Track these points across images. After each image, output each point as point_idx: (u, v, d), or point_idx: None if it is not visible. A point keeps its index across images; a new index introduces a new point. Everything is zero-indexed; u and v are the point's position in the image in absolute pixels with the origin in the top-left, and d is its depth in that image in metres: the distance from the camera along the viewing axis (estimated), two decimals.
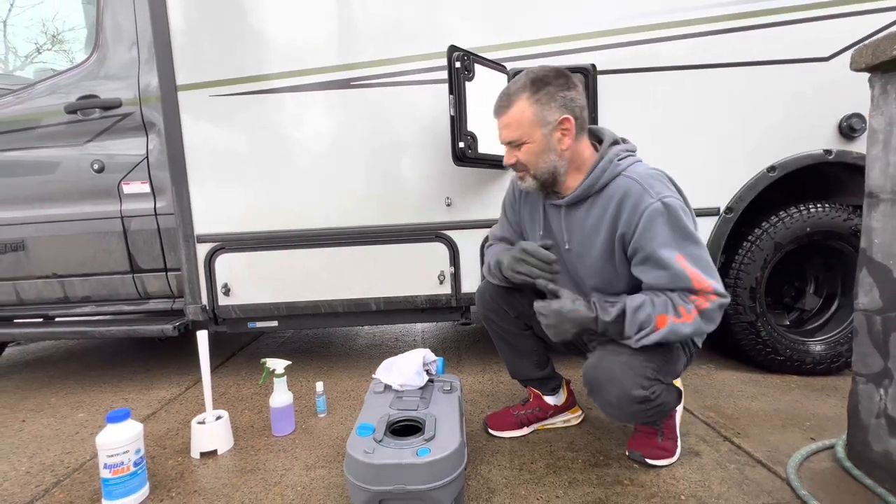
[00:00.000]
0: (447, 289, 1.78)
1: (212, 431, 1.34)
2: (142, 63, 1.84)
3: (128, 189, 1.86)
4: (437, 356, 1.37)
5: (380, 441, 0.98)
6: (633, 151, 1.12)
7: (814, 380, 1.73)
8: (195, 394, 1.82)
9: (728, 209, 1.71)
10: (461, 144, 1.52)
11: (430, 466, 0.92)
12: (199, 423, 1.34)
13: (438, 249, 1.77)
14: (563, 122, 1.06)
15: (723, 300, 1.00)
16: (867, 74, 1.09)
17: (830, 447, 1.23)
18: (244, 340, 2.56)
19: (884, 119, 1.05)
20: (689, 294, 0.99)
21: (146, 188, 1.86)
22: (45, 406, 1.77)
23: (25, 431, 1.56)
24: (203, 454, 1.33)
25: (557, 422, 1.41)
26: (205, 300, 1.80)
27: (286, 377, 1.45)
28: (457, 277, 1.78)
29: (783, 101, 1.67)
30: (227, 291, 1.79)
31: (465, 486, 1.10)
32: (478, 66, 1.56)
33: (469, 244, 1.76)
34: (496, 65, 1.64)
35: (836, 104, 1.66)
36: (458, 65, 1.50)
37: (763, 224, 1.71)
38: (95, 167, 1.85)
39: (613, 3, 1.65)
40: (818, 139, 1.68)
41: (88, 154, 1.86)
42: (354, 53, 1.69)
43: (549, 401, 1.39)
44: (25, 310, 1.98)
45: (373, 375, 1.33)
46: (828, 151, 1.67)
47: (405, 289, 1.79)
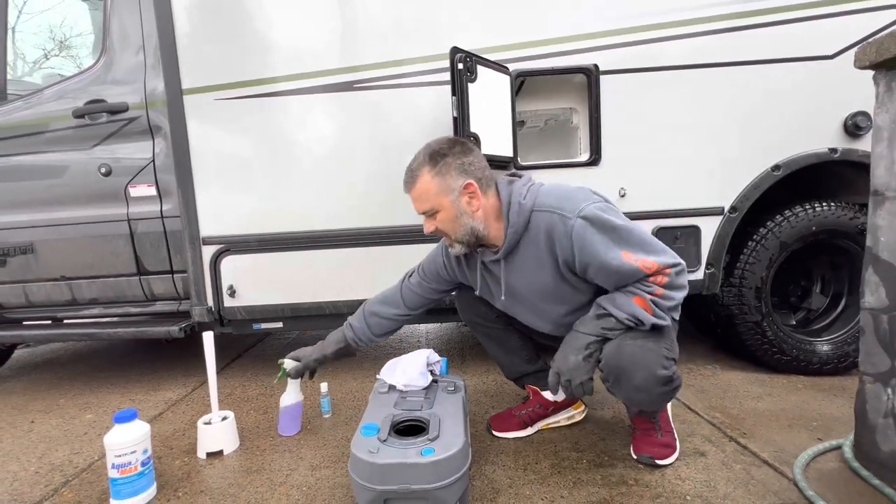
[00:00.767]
0: None
1: (218, 432, 1.35)
2: (148, 68, 1.86)
3: (134, 192, 1.88)
4: (441, 357, 1.37)
5: (384, 441, 0.99)
6: (529, 180, 1.17)
7: (821, 380, 1.72)
8: (201, 395, 1.84)
9: (732, 209, 1.70)
10: None
11: (435, 466, 0.92)
12: (206, 424, 1.35)
13: None
14: (468, 187, 1.11)
15: (676, 268, 1.04)
16: (872, 72, 1.08)
17: (838, 447, 1.22)
18: (249, 342, 2.58)
19: (889, 116, 1.04)
20: (646, 279, 1.03)
21: (152, 191, 1.88)
22: (54, 407, 1.79)
23: (35, 432, 1.58)
24: (209, 454, 1.34)
25: (561, 419, 1.41)
26: (210, 302, 1.81)
27: (301, 379, 1.45)
28: None
29: (788, 100, 1.66)
30: (233, 293, 1.80)
31: (470, 486, 1.10)
32: (480, 68, 1.57)
33: None
34: (499, 66, 1.64)
35: (841, 102, 1.65)
36: (461, 66, 1.50)
37: (768, 223, 1.70)
38: (102, 171, 1.88)
39: (616, 3, 1.65)
40: (823, 137, 1.67)
41: (96, 158, 1.88)
42: (357, 56, 1.70)
43: (549, 396, 1.39)
44: (34, 312, 2.01)
45: (377, 376, 1.34)
46: (833, 150, 1.66)
47: None
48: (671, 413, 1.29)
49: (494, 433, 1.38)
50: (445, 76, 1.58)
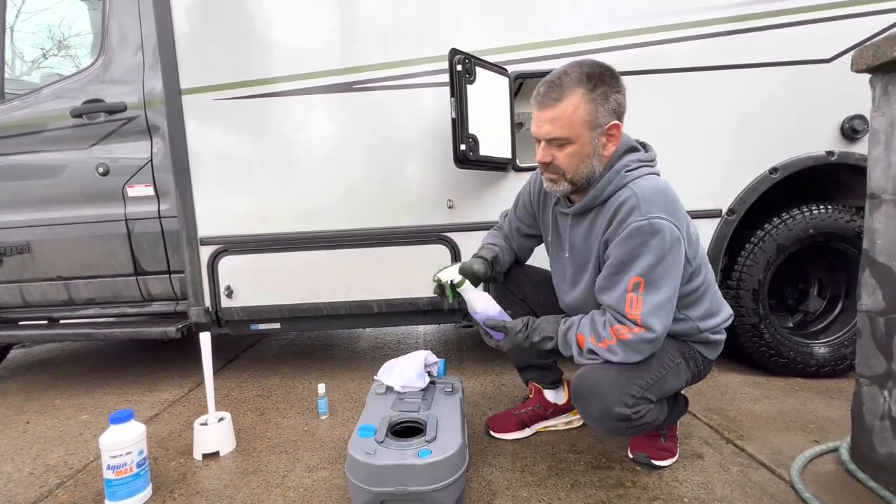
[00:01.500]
0: None
1: (214, 433, 1.35)
2: (146, 67, 1.86)
3: (132, 192, 1.88)
4: (439, 358, 1.37)
5: (381, 442, 0.98)
6: (650, 162, 1.06)
7: (818, 382, 1.72)
8: (198, 395, 1.83)
9: (730, 211, 1.70)
10: (462, 147, 1.53)
11: (432, 468, 0.92)
12: (202, 425, 1.35)
13: (440, 251, 1.77)
14: (612, 129, 1.00)
15: (648, 335, 0.96)
16: (868, 76, 1.09)
17: (835, 450, 1.22)
18: (247, 343, 2.57)
19: (885, 120, 1.05)
20: (615, 322, 0.98)
21: (150, 191, 1.88)
22: (50, 408, 1.78)
23: (30, 433, 1.57)
24: (205, 455, 1.33)
25: (559, 423, 1.40)
26: (208, 302, 1.81)
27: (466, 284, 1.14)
28: None
29: (785, 103, 1.67)
30: (230, 294, 1.80)
31: (467, 488, 1.10)
32: (479, 69, 1.57)
33: (471, 246, 1.76)
34: (497, 68, 1.64)
35: (839, 106, 1.66)
36: (460, 68, 1.51)
37: (766, 226, 1.71)
38: (100, 170, 1.87)
39: (616, 6, 1.66)
40: (820, 140, 1.68)
41: (93, 157, 1.88)
42: (356, 57, 1.70)
43: (550, 397, 1.39)
44: (30, 312, 2.00)
45: (374, 377, 1.33)
46: (830, 153, 1.67)
47: (407, 291, 1.79)
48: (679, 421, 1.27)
49: (492, 434, 1.37)
50: (445, 77, 1.58)
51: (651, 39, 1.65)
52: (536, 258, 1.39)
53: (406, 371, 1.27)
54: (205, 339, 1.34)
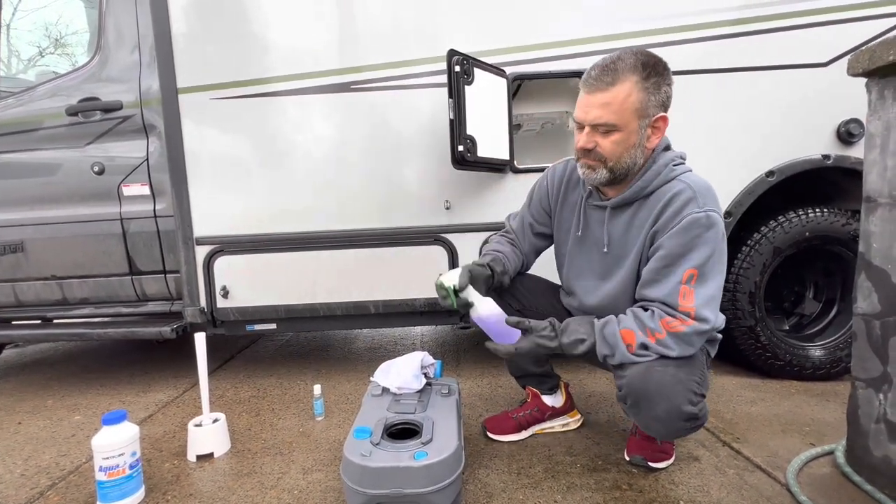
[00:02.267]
0: None
1: (208, 434, 1.34)
2: (143, 66, 1.85)
3: (127, 191, 1.86)
4: (436, 359, 1.36)
5: (377, 444, 0.98)
6: (685, 159, 1.07)
7: (813, 385, 1.72)
8: (192, 396, 1.82)
9: (727, 213, 1.71)
10: (460, 148, 1.53)
11: (427, 470, 0.92)
12: (196, 426, 1.34)
13: (437, 253, 1.77)
14: (659, 121, 0.99)
15: (702, 326, 0.96)
16: (864, 80, 1.09)
17: (830, 452, 1.22)
18: (242, 343, 2.56)
19: (881, 124, 1.05)
20: (665, 315, 0.97)
21: (146, 190, 1.86)
22: (42, 408, 1.77)
23: (21, 433, 1.55)
24: (199, 457, 1.32)
25: (556, 425, 1.40)
26: (203, 302, 1.80)
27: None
28: None
29: (781, 107, 1.68)
30: (226, 294, 1.79)
31: (463, 491, 1.09)
32: (477, 71, 1.57)
33: (468, 247, 1.76)
34: (495, 69, 1.64)
35: (835, 109, 1.67)
36: (458, 69, 1.50)
37: (762, 229, 1.71)
38: (96, 169, 1.86)
39: (613, 8, 1.66)
40: (817, 144, 1.69)
41: (89, 156, 1.86)
42: (354, 57, 1.70)
43: (547, 401, 1.38)
44: (24, 311, 1.98)
45: (370, 378, 1.33)
46: (826, 156, 1.68)
47: (404, 292, 1.79)
48: None
49: (489, 435, 1.37)
50: (443, 78, 1.57)
51: (649, 42, 1.65)
52: (536, 265, 1.37)
53: (402, 372, 1.26)
54: (199, 340, 1.33)
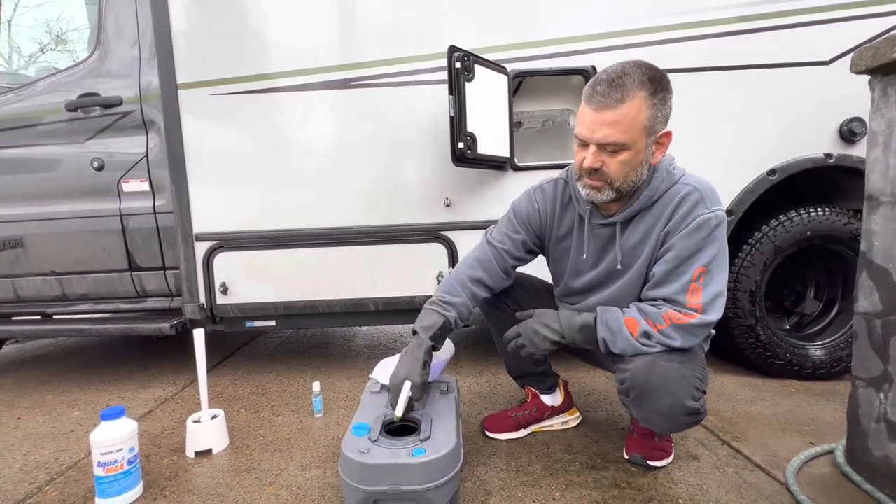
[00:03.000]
0: None
1: (207, 430, 1.34)
2: (143, 62, 1.84)
3: (127, 187, 1.86)
4: None
5: (375, 441, 0.97)
6: (674, 159, 1.08)
7: (813, 384, 1.72)
8: (191, 393, 1.82)
9: (728, 212, 1.70)
10: (461, 145, 1.52)
11: (426, 467, 0.91)
12: (195, 422, 1.33)
13: (437, 250, 1.76)
14: (663, 137, 0.98)
15: (707, 317, 0.97)
16: (868, 78, 1.08)
17: (830, 452, 1.22)
18: (242, 340, 2.56)
19: (884, 122, 1.05)
20: (670, 310, 0.99)
21: (145, 186, 1.86)
22: (42, 404, 1.77)
23: (21, 429, 1.55)
24: (198, 453, 1.32)
25: (555, 423, 1.40)
26: (203, 299, 1.79)
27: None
28: None
29: (784, 105, 1.67)
30: (226, 290, 1.79)
31: (461, 488, 1.09)
32: (478, 67, 1.56)
33: (468, 245, 1.73)
34: (496, 66, 1.64)
35: (837, 108, 1.66)
36: (458, 65, 1.50)
37: (763, 227, 1.70)
38: (95, 165, 1.86)
39: (615, 5, 1.65)
40: (819, 143, 1.68)
41: (88, 152, 1.86)
42: (355, 53, 1.69)
43: (546, 400, 1.38)
44: (23, 307, 1.98)
45: (370, 376, 1.32)
46: (828, 155, 1.67)
47: (404, 289, 1.78)
48: None
49: (488, 434, 1.37)
50: (443, 75, 1.57)
51: (650, 40, 1.65)
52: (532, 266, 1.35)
53: None
54: (198, 336, 1.33)
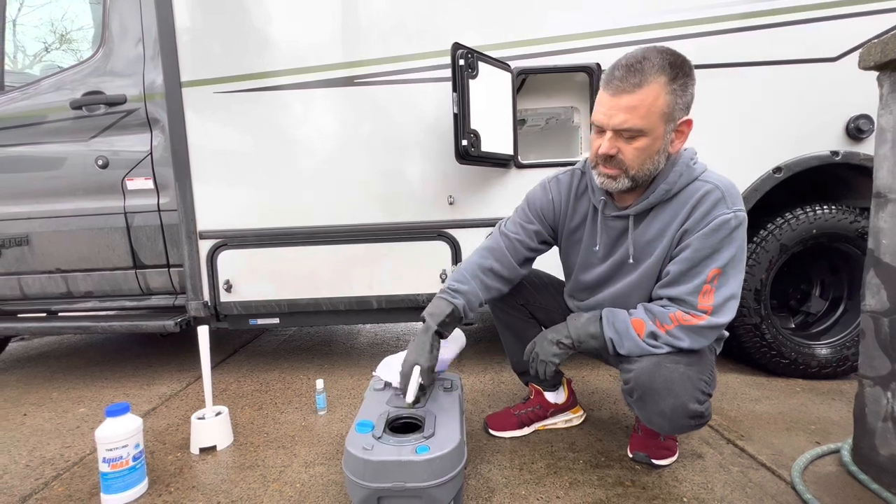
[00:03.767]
0: None
1: (212, 427, 1.34)
2: (147, 60, 1.84)
3: (131, 185, 1.87)
4: None
5: (379, 438, 0.97)
6: (696, 155, 1.04)
7: (819, 383, 1.71)
8: (196, 390, 1.82)
9: None
10: (464, 142, 1.52)
11: (429, 464, 0.91)
12: (199, 419, 1.34)
13: (440, 248, 1.76)
14: (684, 125, 0.94)
15: (718, 319, 0.96)
16: (875, 75, 1.07)
17: (836, 451, 1.21)
18: (246, 338, 2.56)
19: (892, 118, 1.04)
20: (678, 310, 0.98)
21: (150, 184, 1.87)
22: (47, 400, 1.78)
23: (27, 425, 1.56)
24: (202, 450, 1.33)
25: (559, 421, 1.40)
26: (207, 296, 1.80)
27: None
28: None
29: (789, 102, 1.66)
30: (229, 288, 1.79)
31: (465, 485, 1.09)
32: (482, 64, 1.56)
33: (471, 243, 1.75)
34: (500, 63, 1.63)
35: (844, 105, 1.65)
36: (462, 62, 1.49)
37: (768, 225, 1.69)
38: (100, 163, 1.86)
39: (619, 3, 1.64)
40: (825, 140, 1.67)
41: (93, 150, 1.87)
42: (358, 51, 1.69)
43: (550, 398, 1.38)
44: (29, 304, 1.99)
45: (373, 373, 1.32)
46: (835, 153, 1.66)
47: (407, 287, 1.78)
48: None
49: (491, 432, 1.37)
50: (447, 72, 1.57)
51: (655, 37, 1.63)
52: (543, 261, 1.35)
53: None
54: (202, 333, 1.33)
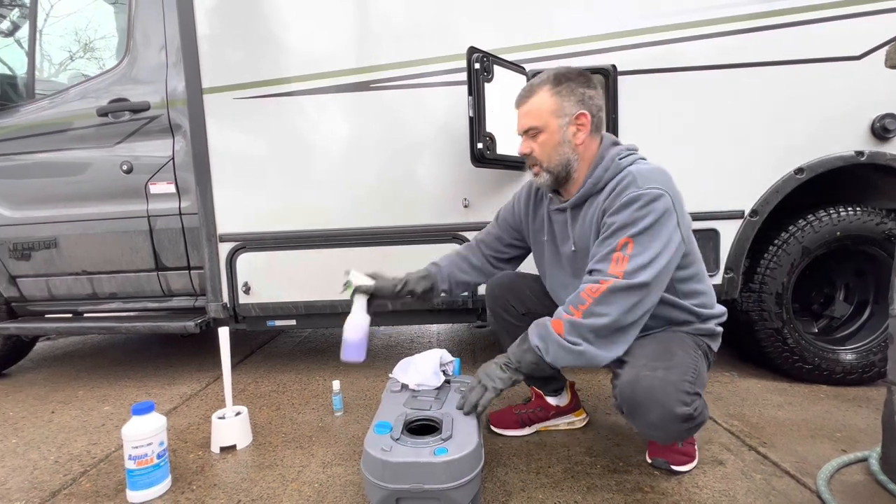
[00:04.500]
0: None
1: (232, 427, 1.37)
2: (169, 67, 1.89)
3: (154, 189, 1.92)
4: (454, 357, 1.36)
5: (397, 439, 0.98)
6: (635, 150, 1.13)
7: (844, 390, 1.66)
8: (216, 390, 1.86)
9: (753, 212, 1.66)
10: (480, 145, 1.52)
11: (448, 466, 0.92)
12: (220, 419, 1.37)
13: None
14: (580, 118, 1.09)
15: (626, 281, 0.95)
16: None
17: (864, 459, 1.18)
18: (263, 339, 2.60)
19: None
20: (588, 283, 1.00)
21: (171, 188, 1.91)
22: (73, 398, 1.83)
23: (54, 422, 1.61)
24: (223, 449, 1.35)
25: (561, 423, 1.39)
26: (226, 298, 1.84)
27: (367, 300, 1.31)
28: None
29: (812, 102, 1.62)
30: (248, 290, 1.82)
31: (482, 488, 1.09)
32: (497, 68, 1.56)
33: None
34: (515, 66, 1.64)
35: (869, 104, 1.60)
36: (478, 66, 1.50)
37: (790, 228, 1.66)
38: (124, 168, 1.92)
39: (635, 4, 1.63)
40: (849, 140, 1.63)
41: (118, 156, 1.92)
42: (372, 57, 1.71)
43: (551, 401, 1.38)
44: (56, 305, 2.05)
45: (390, 375, 1.33)
46: (859, 153, 1.62)
47: None
48: None
49: (493, 428, 1.38)
50: (462, 76, 1.57)
51: (673, 37, 1.62)
52: (528, 265, 1.38)
53: (422, 369, 1.26)
54: (223, 334, 1.36)
